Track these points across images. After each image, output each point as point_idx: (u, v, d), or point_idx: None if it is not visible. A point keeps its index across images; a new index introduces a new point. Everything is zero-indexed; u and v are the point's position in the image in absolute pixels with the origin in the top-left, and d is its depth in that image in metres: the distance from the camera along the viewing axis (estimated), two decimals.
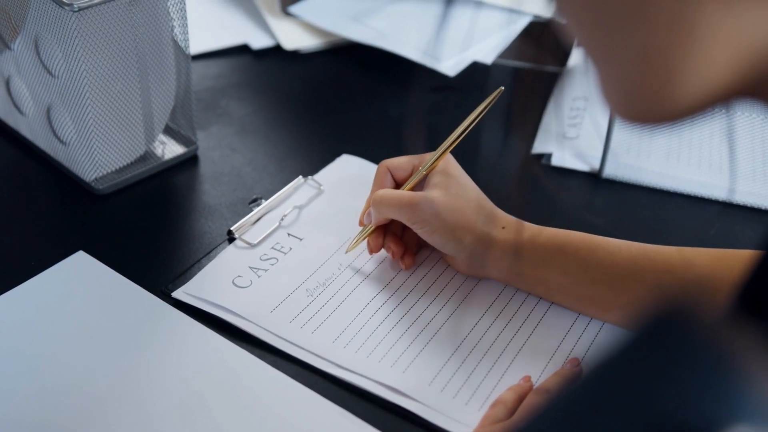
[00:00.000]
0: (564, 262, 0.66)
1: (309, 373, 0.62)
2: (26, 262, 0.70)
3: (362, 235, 0.71)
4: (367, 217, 0.71)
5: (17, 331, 0.64)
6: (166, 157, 0.83)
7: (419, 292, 0.69)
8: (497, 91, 0.68)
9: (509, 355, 0.64)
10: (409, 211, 0.67)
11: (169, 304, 0.67)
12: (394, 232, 0.72)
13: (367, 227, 0.71)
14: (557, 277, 0.66)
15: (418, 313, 0.68)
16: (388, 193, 0.69)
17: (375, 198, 0.69)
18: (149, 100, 0.78)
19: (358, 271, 0.71)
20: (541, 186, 0.85)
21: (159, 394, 0.60)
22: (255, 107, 0.94)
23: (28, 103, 0.80)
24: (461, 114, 0.70)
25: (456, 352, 0.64)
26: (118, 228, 0.76)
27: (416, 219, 0.67)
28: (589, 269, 0.65)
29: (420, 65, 0.96)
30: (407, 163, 0.72)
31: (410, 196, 0.68)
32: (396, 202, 0.68)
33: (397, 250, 0.70)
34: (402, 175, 0.72)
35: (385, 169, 0.72)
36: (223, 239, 0.74)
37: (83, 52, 0.70)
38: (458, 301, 0.69)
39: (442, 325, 0.67)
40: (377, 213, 0.69)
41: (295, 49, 1.03)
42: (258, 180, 0.81)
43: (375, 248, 0.71)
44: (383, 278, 0.71)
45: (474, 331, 0.66)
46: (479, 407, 0.60)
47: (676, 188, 0.83)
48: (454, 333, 0.66)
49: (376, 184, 0.72)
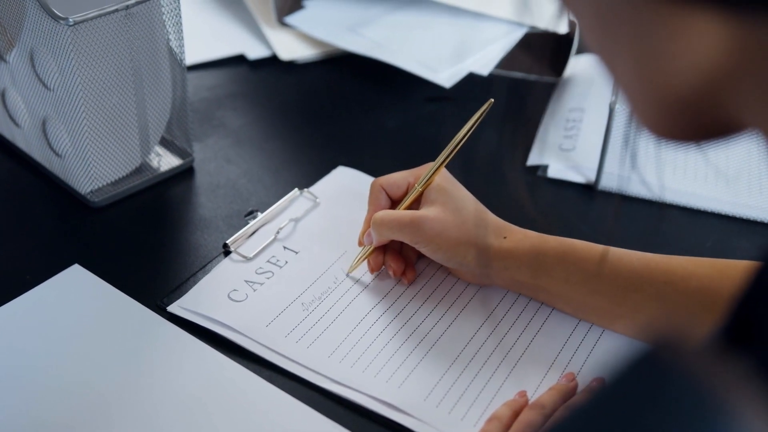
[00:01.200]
0: (565, 272, 0.66)
1: (305, 388, 0.62)
2: (21, 276, 0.70)
3: (362, 256, 0.71)
4: (366, 237, 0.71)
5: (12, 346, 0.64)
6: (162, 169, 0.82)
7: (419, 301, 0.70)
8: (487, 104, 0.68)
9: (506, 368, 0.64)
10: (411, 232, 0.67)
11: (165, 318, 0.67)
12: (394, 248, 0.72)
13: (367, 248, 0.71)
14: (558, 286, 0.66)
15: (417, 323, 0.68)
16: (388, 214, 0.69)
17: (375, 220, 0.69)
18: (145, 112, 0.78)
19: (355, 284, 0.71)
20: (536, 198, 0.85)
21: (154, 408, 0.60)
22: (251, 118, 0.93)
23: (24, 116, 0.80)
24: (457, 125, 0.70)
25: (453, 365, 0.64)
26: (114, 241, 0.76)
27: (418, 239, 0.67)
28: (590, 279, 0.65)
29: (416, 76, 0.96)
30: (402, 180, 0.71)
31: (410, 217, 0.67)
32: (396, 224, 0.68)
33: (398, 267, 0.70)
34: (397, 192, 0.71)
35: (379, 187, 0.71)
36: (219, 252, 0.73)
37: (78, 65, 0.70)
38: (458, 310, 0.69)
39: (441, 335, 0.67)
40: (377, 235, 0.69)
41: (291, 59, 1.02)
42: (253, 192, 0.81)
43: (376, 267, 0.71)
44: (381, 289, 0.71)
45: (473, 340, 0.66)
46: (474, 423, 0.60)
47: (671, 200, 0.83)
48: (452, 342, 0.66)
49: (371, 204, 0.71)
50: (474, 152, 0.86)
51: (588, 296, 0.66)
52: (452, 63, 0.97)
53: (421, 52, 0.99)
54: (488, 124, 0.71)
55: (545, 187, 0.85)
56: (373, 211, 0.70)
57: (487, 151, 0.88)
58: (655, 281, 0.64)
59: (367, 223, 0.71)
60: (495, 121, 0.71)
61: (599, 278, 0.65)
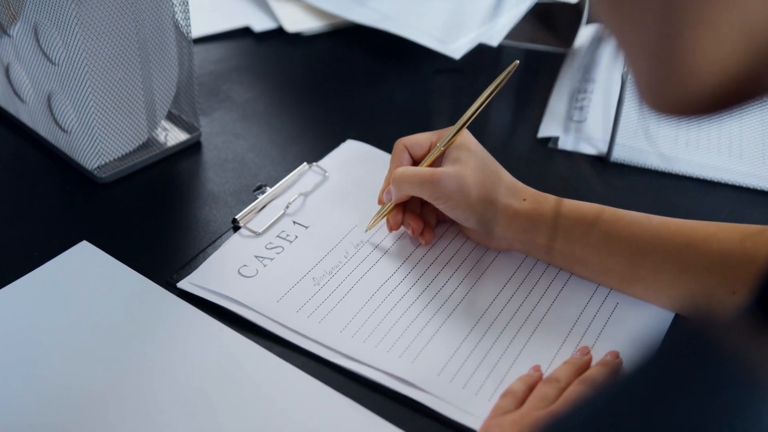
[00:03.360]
0: (584, 234, 0.66)
1: (316, 363, 0.62)
2: (29, 253, 0.69)
3: (382, 214, 0.71)
4: (386, 194, 0.71)
5: (21, 324, 0.63)
6: (169, 143, 0.82)
7: (437, 268, 0.70)
8: (512, 65, 0.68)
9: (523, 336, 0.64)
10: (431, 187, 0.67)
11: (175, 295, 0.66)
12: (413, 209, 0.72)
13: (386, 205, 0.71)
14: (577, 248, 0.66)
15: (435, 291, 0.67)
16: (408, 170, 0.69)
17: (395, 175, 0.69)
18: (151, 86, 0.77)
19: (366, 258, 0.70)
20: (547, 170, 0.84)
21: (164, 385, 0.59)
22: (257, 92, 0.92)
23: (29, 91, 0.79)
24: (468, 96, 0.70)
25: (468, 336, 0.64)
26: (122, 217, 0.75)
27: (438, 195, 0.67)
28: (609, 241, 0.65)
29: (425, 48, 0.95)
30: (425, 140, 0.71)
31: (431, 172, 0.67)
32: (417, 179, 0.68)
33: (417, 226, 0.70)
34: (419, 152, 0.72)
35: (402, 146, 0.72)
36: (228, 228, 0.73)
37: (83, 39, 0.69)
38: (477, 276, 0.69)
39: (459, 301, 0.66)
40: (397, 190, 0.69)
41: (297, 31, 1.01)
42: (262, 166, 0.81)
43: (394, 226, 0.71)
44: (395, 261, 0.70)
45: (491, 307, 0.66)
46: (489, 398, 0.59)
47: (684, 172, 0.82)
48: (470, 310, 0.66)
49: (393, 162, 0.72)
50: (483, 124, 0.85)
51: (606, 258, 0.66)
52: (461, 34, 0.96)
53: (430, 23, 0.98)
54: (498, 96, 0.70)
55: (556, 158, 0.84)
56: (395, 169, 0.70)
57: (497, 123, 0.87)
58: (676, 243, 0.63)
59: (388, 181, 0.71)
60: (505, 93, 0.70)
61: (618, 240, 0.64)
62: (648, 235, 0.64)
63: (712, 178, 0.81)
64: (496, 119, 0.87)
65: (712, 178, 0.81)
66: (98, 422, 0.57)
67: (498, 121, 0.87)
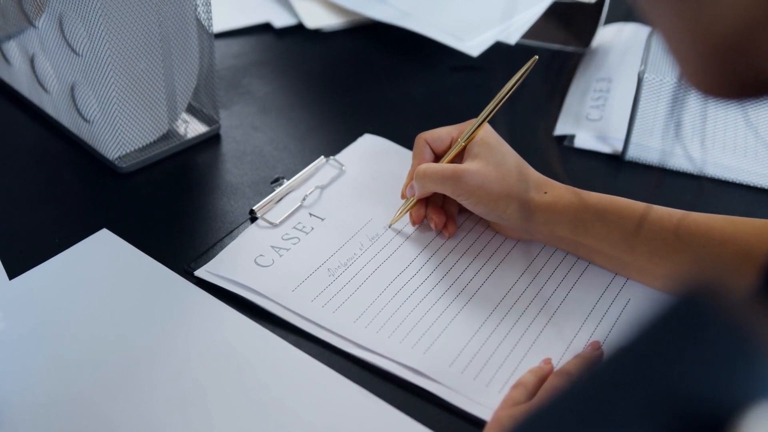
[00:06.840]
0: (605, 229, 0.66)
1: (330, 352, 0.63)
2: (50, 240, 0.70)
3: (405, 208, 0.73)
4: (409, 189, 0.72)
5: (41, 309, 0.65)
6: (189, 135, 0.83)
7: (454, 257, 0.71)
8: (532, 60, 0.69)
9: (533, 333, 0.64)
10: (453, 184, 0.68)
11: (192, 283, 0.67)
12: (435, 202, 0.73)
13: (409, 200, 0.73)
14: (597, 242, 0.67)
15: (447, 285, 0.68)
16: (431, 167, 0.70)
17: (418, 172, 0.70)
18: (172, 79, 0.78)
19: (382, 249, 0.71)
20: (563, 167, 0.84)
21: (180, 371, 0.60)
22: (277, 86, 0.93)
23: (52, 81, 0.80)
24: (485, 94, 0.70)
25: (479, 330, 0.64)
26: (141, 206, 0.76)
27: (460, 192, 0.68)
28: (629, 238, 0.65)
29: (443, 45, 0.96)
30: (446, 135, 0.72)
31: (453, 169, 0.68)
32: (439, 176, 0.69)
33: (439, 220, 0.72)
34: (441, 146, 0.73)
35: (423, 141, 0.73)
36: (245, 218, 0.74)
37: (107, 31, 0.70)
38: (496, 263, 0.70)
39: (472, 295, 0.67)
40: (420, 187, 0.70)
41: (317, 28, 1.02)
42: (280, 159, 0.82)
43: (417, 220, 0.72)
44: (412, 251, 0.71)
45: (503, 301, 0.67)
46: (500, 389, 0.60)
47: (700, 171, 0.82)
48: (487, 297, 0.67)
49: (415, 158, 0.73)
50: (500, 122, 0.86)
51: (627, 254, 0.66)
52: (479, 32, 0.96)
53: (448, 20, 0.98)
54: (515, 94, 0.70)
55: (572, 157, 0.85)
56: (417, 165, 0.72)
57: (514, 120, 0.88)
58: (694, 244, 0.63)
59: (411, 176, 0.73)
60: (522, 91, 0.71)
61: (638, 237, 0.65)
62: (667, 233, 0.64)
63: (725, 178, 0.81)
64: (512, 116, 0.87)
65: (725, 178, 0.81)
66: (114, 408, 0.58)
67: (514, 118, 0.87)
